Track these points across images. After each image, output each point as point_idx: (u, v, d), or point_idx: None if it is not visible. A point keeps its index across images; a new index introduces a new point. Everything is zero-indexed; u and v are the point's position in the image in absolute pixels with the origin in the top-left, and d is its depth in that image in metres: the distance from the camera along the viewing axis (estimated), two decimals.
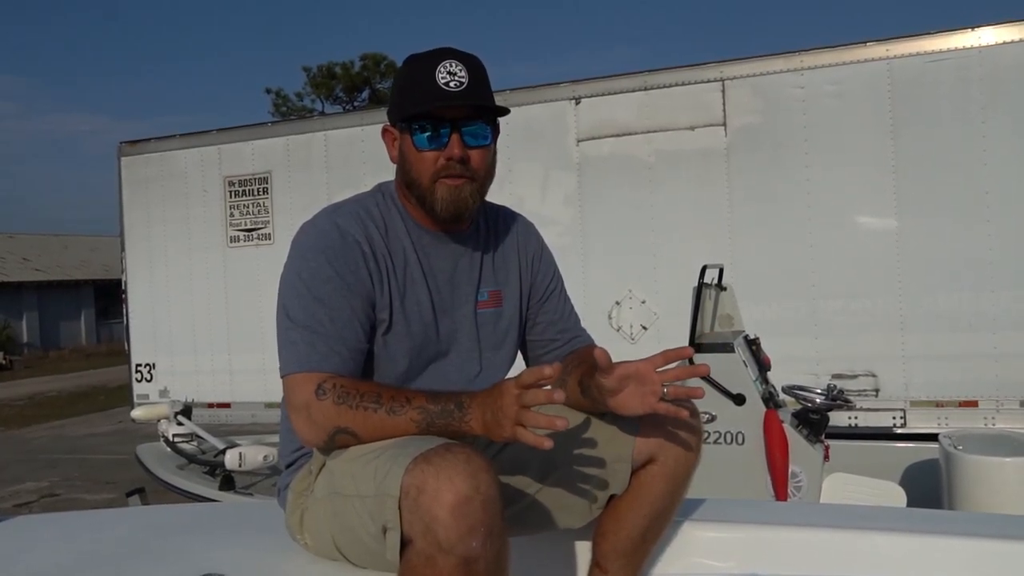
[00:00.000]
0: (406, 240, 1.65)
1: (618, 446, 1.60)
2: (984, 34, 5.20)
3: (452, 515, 1.22)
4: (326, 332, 1.51)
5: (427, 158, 1.58)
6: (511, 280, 1.79)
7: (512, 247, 1.81)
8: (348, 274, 1.55)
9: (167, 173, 7.70)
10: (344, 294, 1.54)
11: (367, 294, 1.57)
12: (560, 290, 1.87)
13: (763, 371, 4.29)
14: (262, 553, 1.71)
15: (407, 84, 1.61)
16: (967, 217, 5.23)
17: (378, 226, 1.62)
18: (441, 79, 1.55)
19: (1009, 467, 3.88)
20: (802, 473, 3.87)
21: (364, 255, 1.57)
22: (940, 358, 5.28)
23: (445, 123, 1.57)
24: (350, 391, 1.45)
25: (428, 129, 1.57)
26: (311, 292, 1.53)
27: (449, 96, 1.55)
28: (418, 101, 1.56)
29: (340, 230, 1.57)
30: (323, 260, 1.54)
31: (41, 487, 8.92)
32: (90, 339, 30.46)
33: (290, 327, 1.53)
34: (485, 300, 1.73)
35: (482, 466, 1.27)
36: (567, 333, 1.83)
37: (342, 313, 1.53)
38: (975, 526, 1.89)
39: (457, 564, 1.23)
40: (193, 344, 7.49)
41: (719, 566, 1.76)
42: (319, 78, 30.35)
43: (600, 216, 6.15)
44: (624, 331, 6.01)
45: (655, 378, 1.49)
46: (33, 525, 2.16)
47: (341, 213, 1.62)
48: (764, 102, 5.75)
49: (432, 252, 1.67)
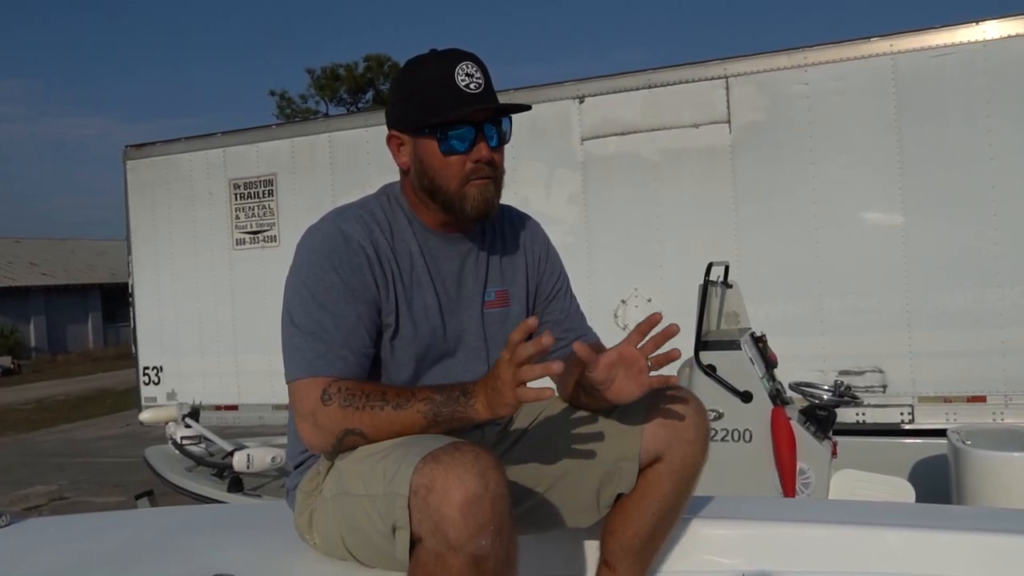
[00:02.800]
0: (412, 243, 1.64)
1: (624, 445, 1.60)
2: (988, 28, 5.18)
3: (461, 513, 1.22)
4: (331, 338, 1.51)
5: (454, 163, 1.57)
6: (518, 279, 1.78)
7: (519, 246, 1.80)
8: (353, 280, 1.54)
9: (172, 176, 7.71)
10: (349, 300, 1.53)
11: (372, 299, 1.56)
12: (566, 289, 1.87)
13: (770, 368, 4.28)
14: (271, 554, 1.72)
15: (421, 89, 1.58)
16: (973, 212, 5.21)
17: (383, 230, 1.61)
18: (462, 82, 1.54)
19: (1018, 462, 3.86)
20: (810, 470, 3.86)
21: (369, 260, 1.56)
22: (947, 354, 5.27)
23: (469, 127, 1.56)
24: (355, 392, 1.46)
25: (456, 134, 1.56)
26: (316, 299, 1.53)
27: (475, 99, 1.55)
28: (444, 106, 1.54)
29: (344, 235, 1.56)
30: (328, 266, 1.54)
31: (50, 490, 8.95)
32: (97, 343, 30.56)
33: (295, 333, 1.53)
34: (492, 300, 1.73)
35: (491, 464, 1.27)
36: (573, 332, 1.83)
37: (347, 319, 1.52)
38: (984, 521, 1.89)
39: (467, 562, 1.23)
40: (200, 347, 7.50)
41: (728, 563, 1.76)
42: (323, 80, 30.41)
43: (605, 215, 6.14)
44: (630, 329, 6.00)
45: (638, 355, 1.49)
46: (42, 527, 2.17)
47: (345, 218, 1.60)
48: (768, 99, 5.74)
49: (439, 253, 1.67)
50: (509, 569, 1.29)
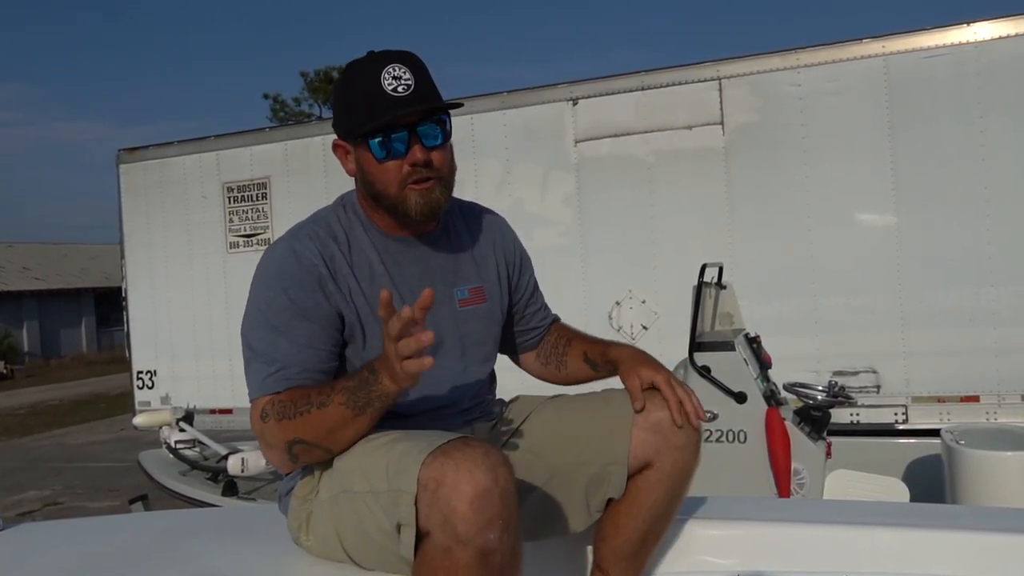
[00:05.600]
0: (371, 252, 1.64)
1: (613, 448, 1.60)
2: (980, 29, 5.20)
3: (471, 507, 1.23)
4: (283, 357, 1.53)
5: (390, 168, 1.57)
6: (490, 275, 1.78)
7: (488, 242, 1.81)
8: (304, 299, 1.55)
9: (166, 180, 7.70)
10: (300, 319, 1.54)
11: (325, 317, 1.56)
12: (535, 280, 1.92)
13: (764, 369, 4.28)
14: (266, 557, 1.71)
15: (352, 96, 1.58)
16: (966, 212, 5.23)
17: (340, 243, 1.62)
18: (389, 86, 1.53)
19: (1011, 461, 3.88)
20: (804, 470, 3.87)
21: (321, 278, 1.57)
22: (941, 353, 5.28)
23: (401, 130, 1.55)
24: (286, 403, 1.48)
25: (385, 140, 1.55)
26: (268, 321, 1.55)
27: (401, 103, 1.52)
28: (370, 114, 1.54)
29: (296, 255, 1.57)
30: (279, 288, 1.56)
31: (44, 495, 8.92)
32: (91, 347, 30.45)
33: (251, 356, 1.56)
34: (466, 298, 1.73)
35: (500, 459, 1.28)
36: (546, 318, 1.93)
37: (299, 339, 1.54)
38: (978, 520, 1.89)
39: (474, 556, 1.23)
40: (194, 350, 7.48)
41: (723, 563, 1.76)
42: (316, 83, 30.35)
43: (599, 216, 6.15)
44: (625, 331, 6.01)
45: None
46: (36, 532, 2.16)
47: (299, 236, 1.61)
48: (761, 100, 5.75)
49: (400, 258, 1.66)
50: (515, 564, 1.30)
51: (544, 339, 1.91)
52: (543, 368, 1.90)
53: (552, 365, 1.88)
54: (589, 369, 1.79)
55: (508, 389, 1.87)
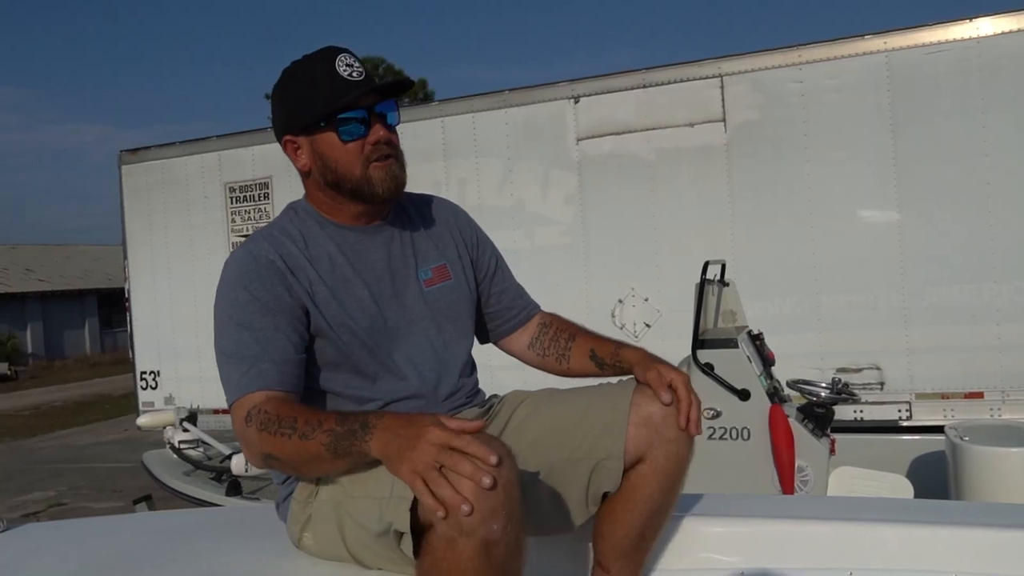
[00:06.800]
0: (329, 245, 1.68)
1: (608, 443, 1.60)
2: (982, 25, 5.19)
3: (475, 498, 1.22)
4: (252, 353, 1.53)
5: (353, 148, 1.63)
6: (450, 253, 1.82)
7: (443, 223, 1.85)
8: (264, 294, 1.57)
9: (168, 181, 7.71)
10: (263, 313, 1.56)
11: (288, 309, 1.58)
12: (501, 260, 1.94)
13: (767, 366, 4.28)
14: (270, 557, 1.71)
15: (309, 87, 1.63)
16: (969, 208, 5.22)
17: (295, 240, 1.66)
18: (345, 72, 1.61)
19: (1015, 457, 3.88)
20: (808, 467, 3.86)
21: (280, 272, 1.60)
22: (945, 350, 5.28)
23: (362, 110, 1.62)
24: (271, 417, 1.46)
25: (351, 121, 1.62)
26: (233, 320, 1.57)
27: (362, 84, 1.61)
28: (335, 95, 1.60)
29: (253, 255, 1.61)
30: (240, 287, 1.58)
31: (48, 496, 8.94)
32: (94, 348, 30.52)
33: (223, 361, 1.58)
34: (430, 278, 1.76)
35: (504, 451, 1.27)
36: (521, 300, 1.93)
37: (264, 332, 1.55)
38: (982, 516, 1.89)
39: (478, 547, 1.23)
40: (197, 351, 7.47)
41: (726, 560, 1.76)
42: None
43: (601, 215, 6.14)
44: (628, 329, 6.01)
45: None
46: (40, 533, 2.16)
47: (254, 240, 1.66)
48: (763, 97, 5.74)
49: (360, 248, 1.70)
50: (518, 555, 1.30)
51: (541, 330, 1.91)
52: (541, 359, 1.91)
53: (552, 357, 1.88)
54: (594, 366, 1.80)
55: (508, 389, 1.87)
